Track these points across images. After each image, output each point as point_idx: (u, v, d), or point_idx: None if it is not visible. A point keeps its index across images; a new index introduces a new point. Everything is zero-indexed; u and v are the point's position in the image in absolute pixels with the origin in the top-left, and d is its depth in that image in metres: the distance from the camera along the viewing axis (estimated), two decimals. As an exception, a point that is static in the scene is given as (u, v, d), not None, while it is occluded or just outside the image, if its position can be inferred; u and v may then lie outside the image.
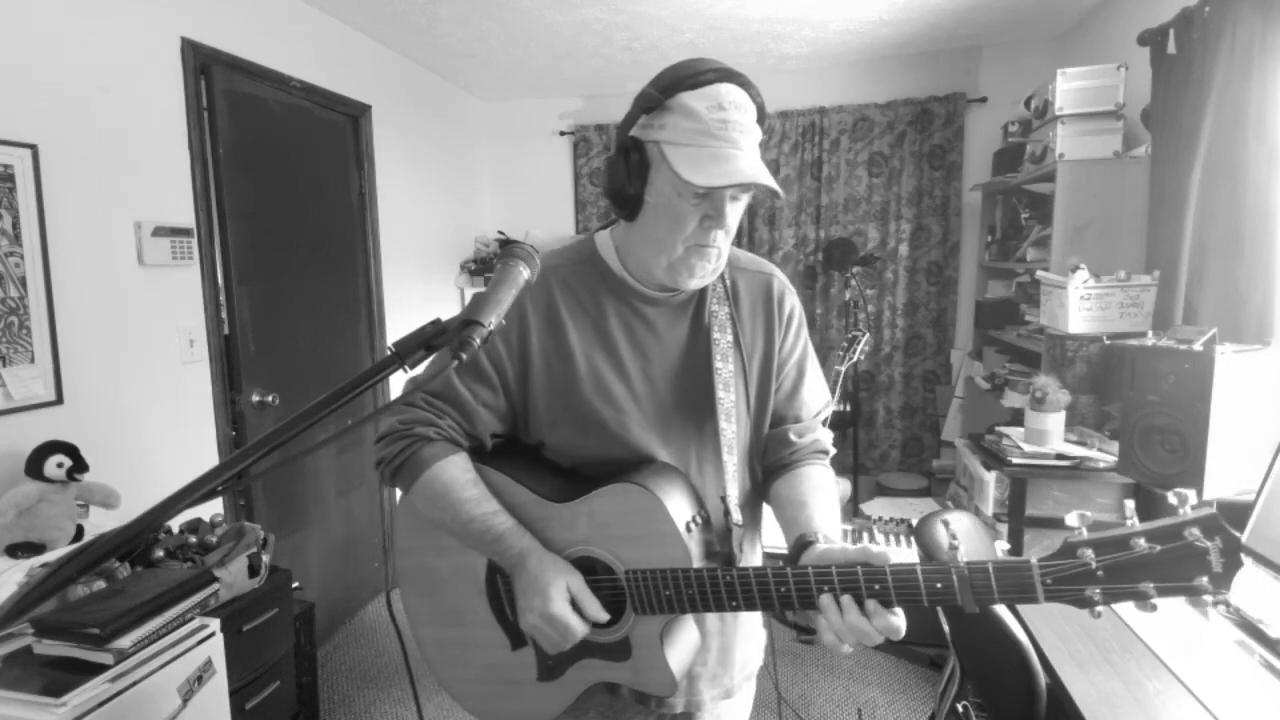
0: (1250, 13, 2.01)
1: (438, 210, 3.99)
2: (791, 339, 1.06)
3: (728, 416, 0.98)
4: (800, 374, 1.07)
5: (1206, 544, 0.65)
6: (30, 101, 1.88)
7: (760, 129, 0.94)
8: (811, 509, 0.98)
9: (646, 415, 0.99)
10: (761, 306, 1.04)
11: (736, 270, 1.04)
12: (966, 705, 1.78)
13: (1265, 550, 1.52)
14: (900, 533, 2.19)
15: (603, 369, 0.98)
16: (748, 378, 1.02)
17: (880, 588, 0.77)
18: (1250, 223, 2.05)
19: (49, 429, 1.87)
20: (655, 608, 0.90)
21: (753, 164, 0.87)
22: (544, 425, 1.00)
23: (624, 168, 0.91)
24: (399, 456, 0.97)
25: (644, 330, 1.00)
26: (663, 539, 0.89)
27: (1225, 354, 1.81)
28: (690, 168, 0.86)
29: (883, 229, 3.97)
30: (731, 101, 0.88)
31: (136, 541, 0.59)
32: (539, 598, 0.88)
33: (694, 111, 0.87)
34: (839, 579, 0.79)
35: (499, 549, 0.94)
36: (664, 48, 3.53)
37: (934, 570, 0.75)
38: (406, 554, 1.07)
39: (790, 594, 0.82)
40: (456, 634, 1.05)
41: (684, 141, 0.87)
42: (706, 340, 1.00)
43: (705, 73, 0.89)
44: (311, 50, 2.91)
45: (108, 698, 1.39)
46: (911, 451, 4.07)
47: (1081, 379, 2.51)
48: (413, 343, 0.75)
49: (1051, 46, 3.60)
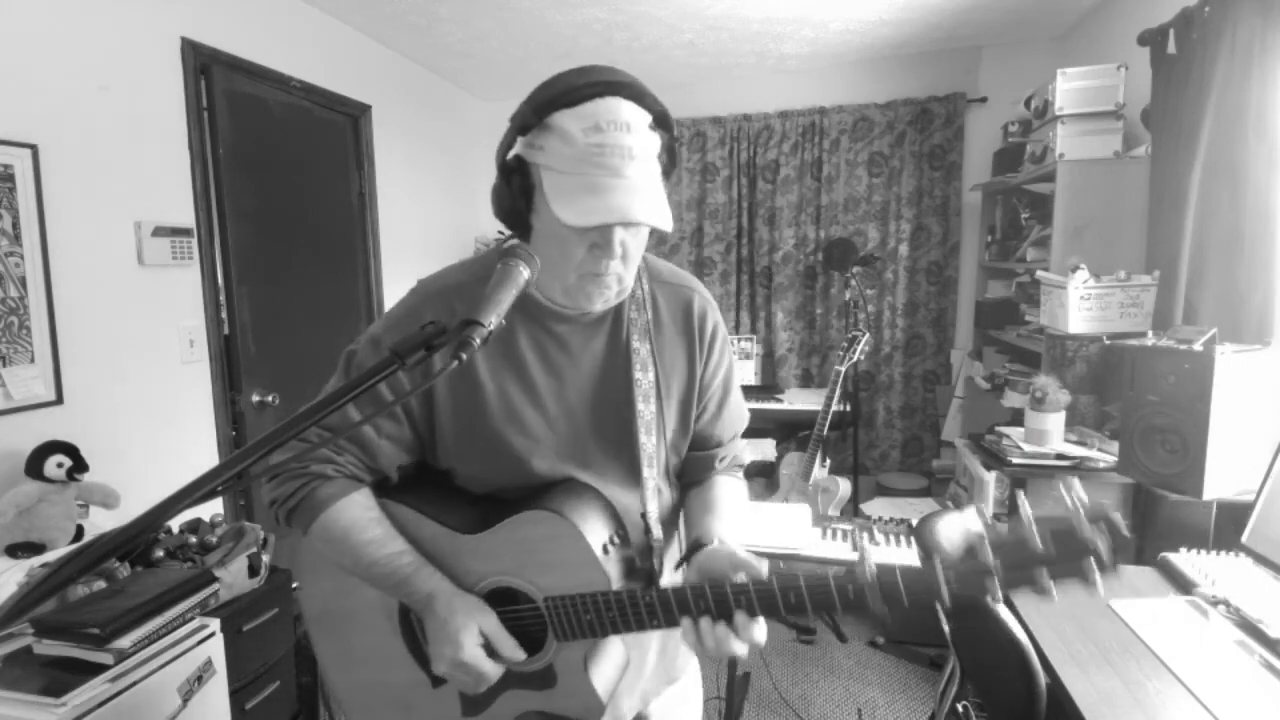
0: (1250, 13, 2.01)
1: (438, 210, 3.99)
2: (715, 359, 1.01)
3: (647, 430, 0.94)
4: (725, 394, 1.04)
5: (1095, 541, 0.69)
6: (30, 101, 1.88)
7: (660, 135, 0.84)
8: (715, 514, 0.98)
9: (562, 440, 0.94)
10: (681, 324, 0.98)
11: (656, 283, 0.98)
12: (966, 705, 1.78)
13: (1265, 550, 1.52)
14: (900, 533, 2.18)
15: (513, 395, 0.92)
16: (666, 391, 0.97)
17: (795, 599, 0.77)
18: (1250, 223, 2.05)
19: (49, 429, 1.87)
20: (577, 633, 0.87)
21: (632, 196, 0.78)
22: (452, 455, 0.95)
23: (507, 191, 0.85)
24: (293, 498, 0.91)
25: (557, 350, 0.93)
26: (579, 564, 0.86)
27: (1225, 354, 1.81)
28: (563, 202, 0.79)
29: (883, 229, 3.97)
30: (611, 120, 0.78)
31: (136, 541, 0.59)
32: (449, 645, 0.85)
33: (569, 134, 0.78)
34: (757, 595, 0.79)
35: (405, 592, 0.90)
36: (664, 48, 3.53)
37: (844, 578, 0.76)
38: (312, 599, 1.02)
39: (709, 608, 0.80)
40: (373, 676, 1.00)
41: (559, 168, 0.80)
42: (625, 351, 0.94)
43: (581, 88, 0.79)
44: (311, 50, 2.91)
45: (108, 698, 1.39)
46: (911, 451, 4.06)
47: (1081, 379, 2.51)
48: (412, 343, 0.75)
49: (1051, 46, 3.59)
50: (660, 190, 0.83)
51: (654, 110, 0.83)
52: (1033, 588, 0.71)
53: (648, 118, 0.82)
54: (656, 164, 0.84)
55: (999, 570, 0.71)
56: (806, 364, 4.20)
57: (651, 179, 0.82)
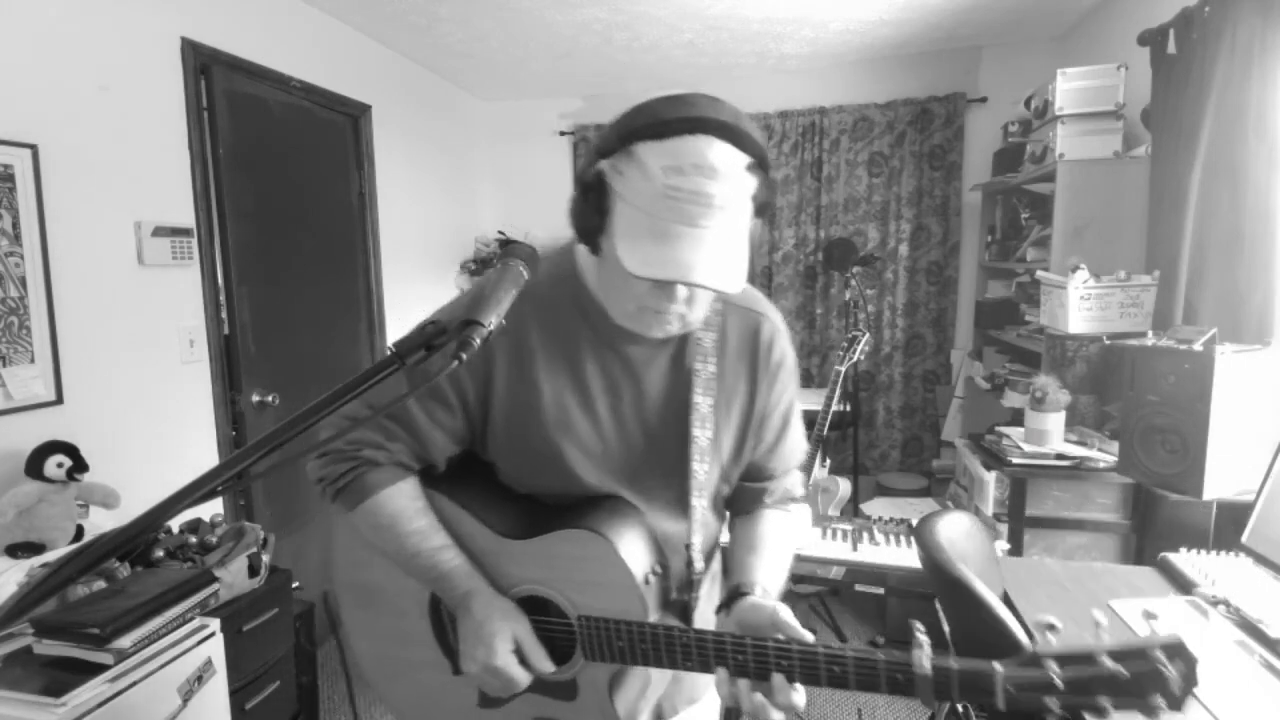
0: (1250, 13, 2.01)
1: (438, 210, 3.99)
2: (779, 389, 0.98)
3: (700, 456, 0.92)
4: (785, 426, 1.01)
5: (1170, 670, 0.66)
6: (30, 101, 1.88)
7: (758, 176, 0.78)
8: (759, 555, 0.95)
9: (612, 455, 0.93)
10: (748, 350, 0.95)
11: (728, 305, 0.94)
12: (967, 705, 1.77)
13: (1265, 550, 1.52)
14: (900, 533, 2.19)
15: (569, 403, 0.91)
16: (725, 417, 0.95)
17: (839, 672, 0.74)
18: (1250, 223, 2.05)
19: (49, 429, 1.87)
20: (607, 656, 0.87)
21: (699, 252, 0.73)
22: (501, 451, 0.95)
23: (583, 207, 0.81)
24: (342, 479, 0.91)
25: (618, 366, 0.92)
26: (619, 590, 0.86)
27: (1225, 354, 1.81)
28: (629, 242, 0.75)
29: (883, 229, 3.97)
30: (695, 164, 0.72)
31: (136, 541, 0.59)
32: (482, 648, 0.85)
33: (648, 170, 0.73)
34: (799, 660, 0.77)
35: (443, 587, 0.91)
36: (664, 48, 3.53)
37: (896, 663, 0.73)
38: (348, 567, 1.03)
39: (747, 664, 0.78)
40: (397, 652, 1.02)
41: (634, 202, 0.75)
42: (687, 374, 0.92)
43: (670, 121, 0.74)
44: (311, 50, 2.91)
45: (108, 698, 1.39)
46: (911, 451, 4.07)
47: (1081, 379, 2.51)
48: (413, 343, 0.75)
49: (1051, 46, 3.59)
50: (738, 245, 0.77)
51: (752, 152, 0.76)
52: (1093, 712, 0.67)
53: (743, 160, 0.75)
54: (744, 211, 0.78)
55: (1062, 688, 0.68)
56: (806, 364, 4.20)
57: (730, 232, 0.76)
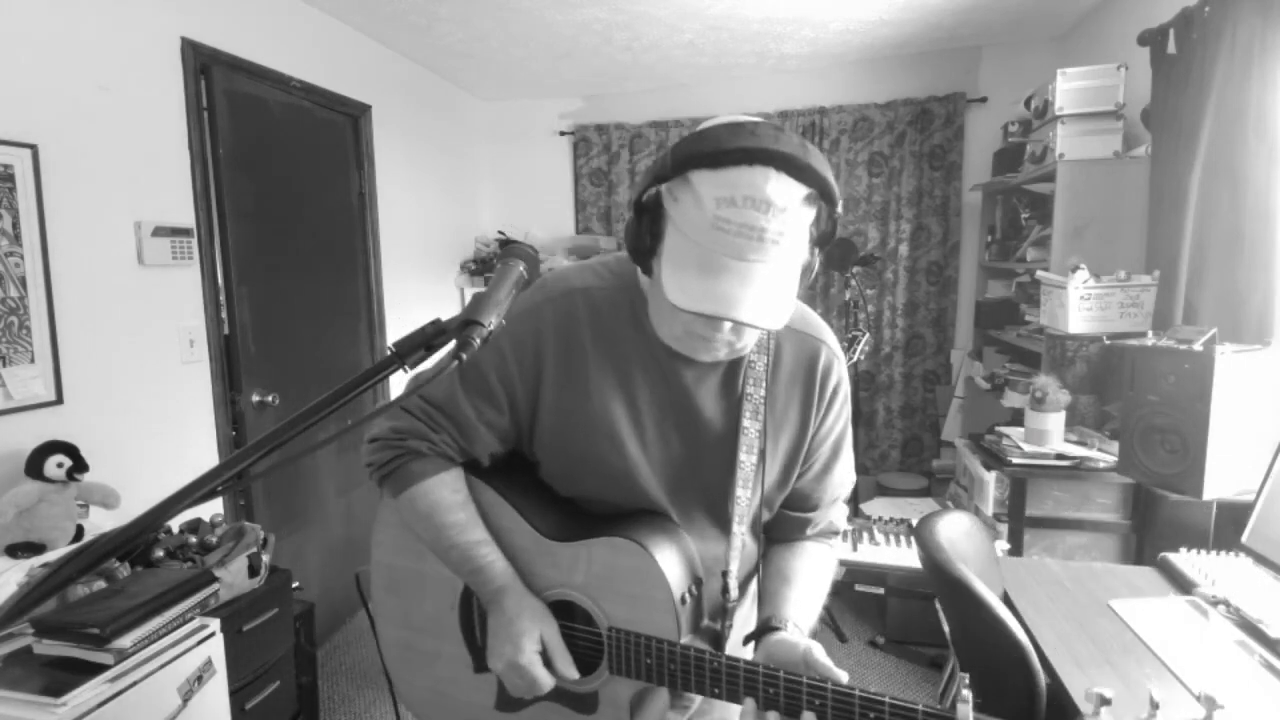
0: (1250, 13, 2.01)
1: (438, 210, 3.99)
2: (832, 419, 0.96)
3: (745, 483, 0.91)
4: (835, 455, 0.98)
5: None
6: (30, 101, 1.87)
7: (813, 206, 0.75)
8: (794, 588, 0.94)
9: (656, 471, 0.92)
10: (803, 376, 0.93)
11: (786, 327, 0.87)
12: None
13: (1265, 550, 1.52)
14: (900, 533, 2.19)
15: (617, 415, 0.90)
16: (773, 443, 0.93)
17: (874, 717, 0.73)
18: (1250, 223, 2.05)
19: (49, 429, 1.87)
20: (633, 672, 0.86)
21: (746, 288, 0.71)
22: (545, 451, 0.95)
23: (636, 228, 0.80)
24: (388, 465, 0.94)
25: (668, 385, 0.91)
26: (655, 606, 0.85)
27: (1225, 354, 1.81)
28: (674, 271, 0.74)
29: (883, 229, 3.97)
30: (750, 197, 0.70)
31: (136, 541, 0.59)
32: (510, 645, 0.86)
33: (701, 199, 0.72)
34: (833, 701, 0.75)
35: (477, 581, 0.91)
36: (664, 47, 3.53)
37: (937, 716, 0.71)
38: (384, 548, 1.04)
39: (778, 697, 0.77)
40: (420, 641, 1.02)
41: (685, 230, 0.74)
42: (738, 398, 0.91)
43: (728, 151, 0.70)
44: (311, 50, 2.91)
45: (108, 698, 1.39)
46: (911, 451, 4.07)
47: (1081, 379, 2.51)
48: (413, 343, 0.75)
49: (1051, 46, 3.59)
50: (787, 281, 0.76)
51: (814, 185, 0.73)
52: None
53: (803, 192, 0.73)
54: (799, 247, 0.76)
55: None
56: (806, 364, 4.20)
57: (779, 269, 0.74)
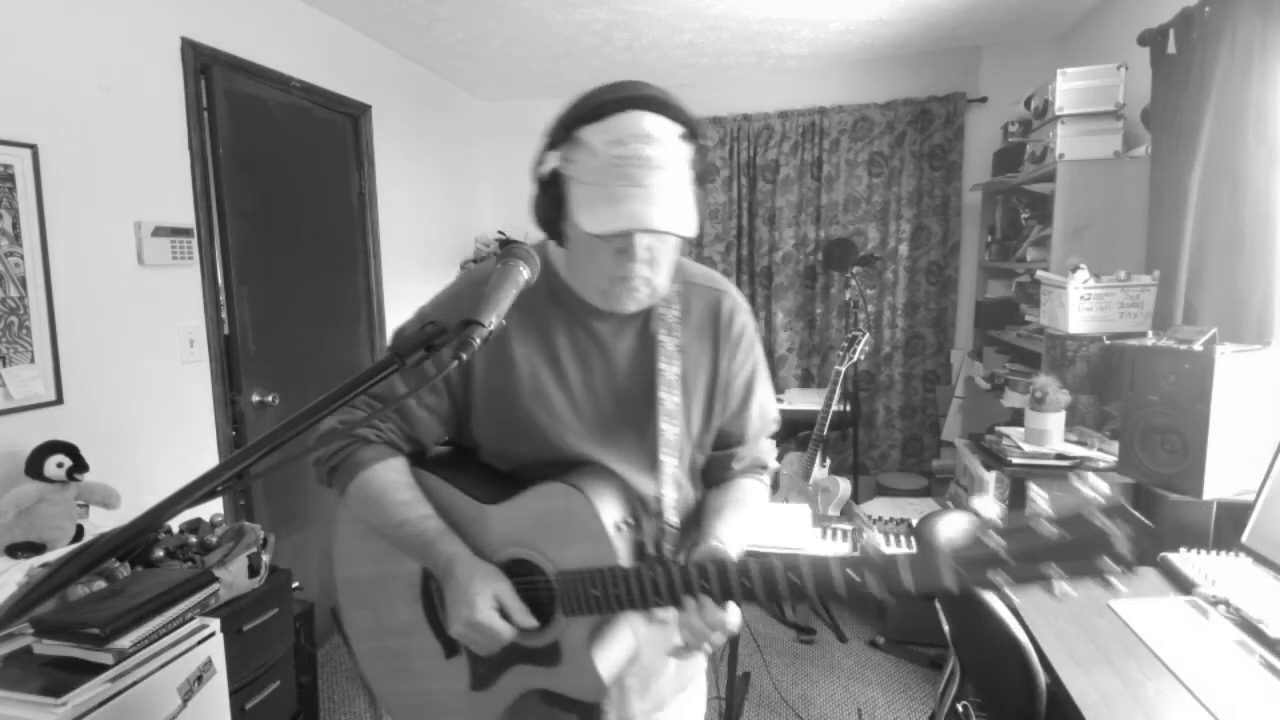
0: (1250, 13, 2.01)
1: (438, 210, 3.99)
2: (741, 357, 1.04)
3: (669, 418, 0.98)
4: (749, 392, 1.06)
5: (1113, 528, 0.66)
6: (30, 101, 1.88)
7: (691, 145, 0.89)
8: (723, 518, 1.00)
9: (586, 424, 0.98)
10: (710, 323, 1.02)
11: (689, 285, 1.03)
12: (966, 705, 1.78)
13: (1265, 550, 1.52)
14: (900, 533, 2.18)
15: (543, 378, 0.97)
16: (692, 384, 1.01)
17: (797, 580, 0.78)
18: (1250, 223, 2.05)
19: (49, 429, 1.87)
20: (584, 608, 0.90)
21: (650, 205, 0.82)
22: (483, 429, 1.01)
23: (542, 200, 0.91)
24: (336, 456, 0.97)
25: (589, 343, 0.99)
26: (591, 538, 0.89)
27: (1225, 354, 1.81)
28: (585, 210, 0.84)
29: (883, 229, 3.97)
30: (633, 134, 0.82)
31: (136, 541, 0.59)
32: (465, 607, 0.89)
33: (593, 148, 0.83)
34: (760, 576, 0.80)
35: (428, 554, 0.94)
36: (664, 47, 3.53)
37: (851, 560, 0.76)
38: (345, 563, 1.08)
39: (712, 587, 0.82)
40: (392, 644, 1.05)
41: (585, 179, 0.84)
42: (652, 344, 0.99)
43: (606, 103, 0.84)
44: (311, 50, 2.91)
45: (108, 698, 1.39)
46: (911, 451, 4.06)
47: (1081, 379, 2.51)
48: (412, 343, 0.76)
49: (1051, 46, 3.59)
50: (685, 198, 0.86)
51: (681, 121, 0.86)
52: (1043, 584, 0.68)
53: (676, 129, 0.85)
54: (684, 173, 0.87)
55: (1007, 559, 0.69)
56: (806, 364, 4.20)
57: (675, 187, 0.85)
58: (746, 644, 2.75)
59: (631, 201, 0.81)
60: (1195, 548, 1.64)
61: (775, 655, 2.80)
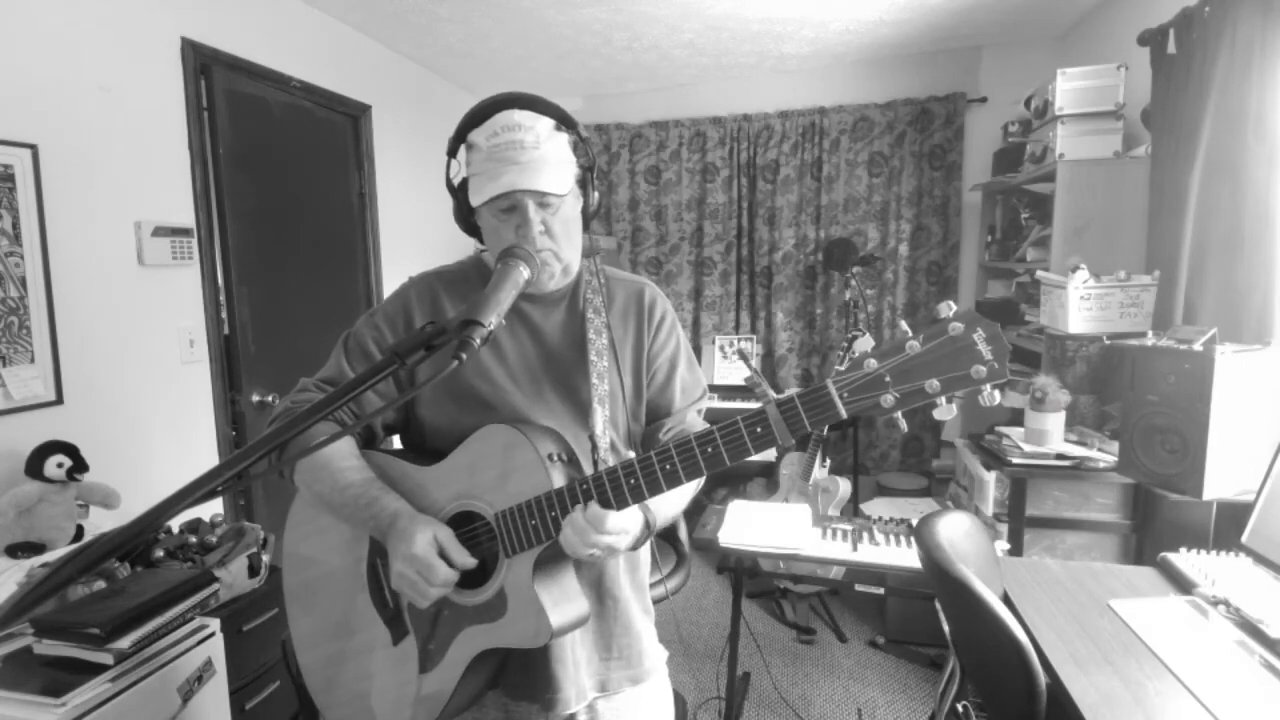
0: (1250, 13, 2.01)
1: (438, 210, 3.98)
2: (663, 337, 1.14)
3: (600, 376, 1.06)
4: (672, 368, 1.15)
5: (971, 336, 0.73)
6: (30, 101, 1.88)
7: (564, 132, 1.02)
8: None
9: (523, 390, 1.07)
10: (634, 307, 1.14)
11: (614, 280, 1.15)
12: (966, 705, 1.77)
13: (1265, 550, 1.52)
14: (900, 533, 2.19)
15: (483, 354, 1.06)
16: (619, 354, 1.10)
17: (713, 450, 0.84)
18: (1250, 223, 2.05)
19: (49, 429, 1.87)
20: (525, 541, 0.93)
21: (523, 173, 0.96)
22: (427, 404, 1.08)
23: (456, 207, 1.06)
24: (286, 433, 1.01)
25: (521, 324, 1.09)
26: (526, 470, 0.93)
27: (1225, 354, 1.81)
28: (475, 192, 0.99)
29: (883, 229, 3.97)
30: (506, 125, 0.98)
31: (136, 541, 0.59)
32: (404, 543, 0.93)
33: (478, 145, 0.99)
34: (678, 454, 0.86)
35: (373, 513, 0.98)
36: (664, 47, 3.53)
37: (752, 417, 0.81)
38: (292, 569, 1.11)
39: (637, 477, 0.88)
40: (340, 646, 1.07)
41: (475, 171, 0.99)
42: (581, 320, 1.09)
43: (484, 109, 1.00)
44: (311, 50, 2.91)
45: (108, 698, 1.39)
46: (911, 451, 4.07)
47: (1081, 379, 2.51)
48: (412, 343, 0.76)
49: (1051, 46, 3.59)
50: (554, 166, 0.98)
51: (549, 114, 1.01)
52: (926, 401, 0.74)
53: (547, 121, 1.00)
54: (562, 154, 1.00)
55: (888, 379, 0.75)
56: (806, 364, 4.20)
57: (547, 161, 0.98)
58: (746, 644, 2.75)
59: (508, 173, 0.95)
60: (1195, 548, 1.64)
61: (775, 655, 2.80)
